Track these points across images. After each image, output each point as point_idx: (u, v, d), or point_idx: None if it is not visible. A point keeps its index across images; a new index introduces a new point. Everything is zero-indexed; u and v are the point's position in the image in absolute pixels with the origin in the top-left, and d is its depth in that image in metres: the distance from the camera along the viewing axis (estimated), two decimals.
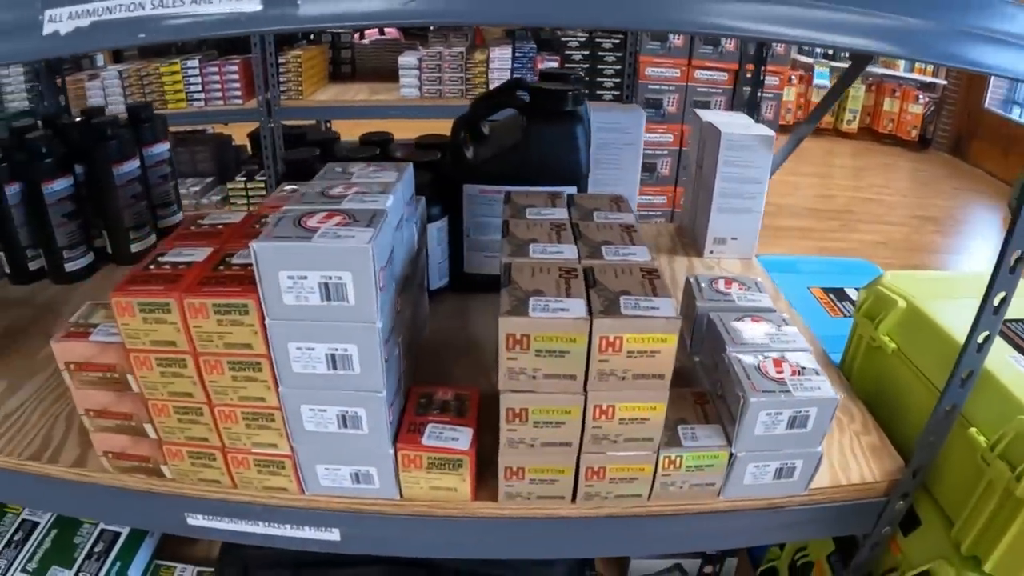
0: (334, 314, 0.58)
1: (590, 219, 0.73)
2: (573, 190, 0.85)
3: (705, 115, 0.98)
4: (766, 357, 0.67)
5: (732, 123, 0.94)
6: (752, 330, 0.71)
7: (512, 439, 0.63)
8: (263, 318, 0.60)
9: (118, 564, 1.03)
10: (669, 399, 0.62)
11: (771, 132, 0.92)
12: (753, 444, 0.65)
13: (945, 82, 5.26)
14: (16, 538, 1.05)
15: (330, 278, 0.57)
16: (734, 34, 0.50)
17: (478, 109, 0.88)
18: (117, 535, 1.05)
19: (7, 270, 1.10)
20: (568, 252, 0.66)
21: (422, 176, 0.95)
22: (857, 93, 5.34)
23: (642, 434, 0.64)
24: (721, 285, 0.77)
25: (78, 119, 1.16)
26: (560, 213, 0.73)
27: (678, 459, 0.66)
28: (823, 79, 5.46)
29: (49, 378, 0.90)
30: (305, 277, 0.57)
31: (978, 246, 3.51)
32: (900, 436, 0.74)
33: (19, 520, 1.07)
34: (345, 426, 0.64)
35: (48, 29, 0.52)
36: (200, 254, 0.66)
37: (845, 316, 1.26)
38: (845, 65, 4.77)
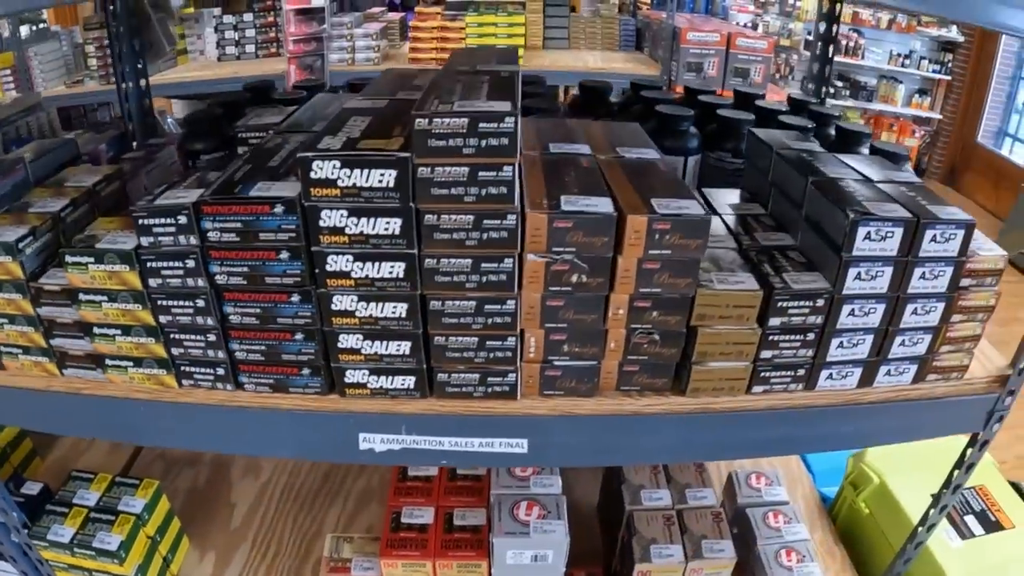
0: (537, 567, 0.95)
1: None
2: None
3: None
4: (781, 547, 1.09)
5: None
6: (773, 522, 1.12)
7: None
8: (490, 568, 0.96)
9: None
10: None
11: None
12: None
13: (940, 116, 5.45)
14: None
15: (538, 553, 0.93)
16: None
17: None
18: None
19: None
20: (666, 499, 1.04)
21: None
22: None
23: None
24: (753, 481, 1.17)
25: None
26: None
27: None
28: None
29: (252, 551, 1.22)
30: (523, 553, 0.93)
31: None
32: (870, 570, 1.17)
33: None
34: None
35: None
36: (427, 515, 1.01)
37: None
38: None
